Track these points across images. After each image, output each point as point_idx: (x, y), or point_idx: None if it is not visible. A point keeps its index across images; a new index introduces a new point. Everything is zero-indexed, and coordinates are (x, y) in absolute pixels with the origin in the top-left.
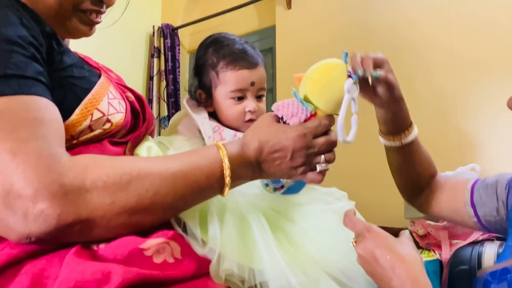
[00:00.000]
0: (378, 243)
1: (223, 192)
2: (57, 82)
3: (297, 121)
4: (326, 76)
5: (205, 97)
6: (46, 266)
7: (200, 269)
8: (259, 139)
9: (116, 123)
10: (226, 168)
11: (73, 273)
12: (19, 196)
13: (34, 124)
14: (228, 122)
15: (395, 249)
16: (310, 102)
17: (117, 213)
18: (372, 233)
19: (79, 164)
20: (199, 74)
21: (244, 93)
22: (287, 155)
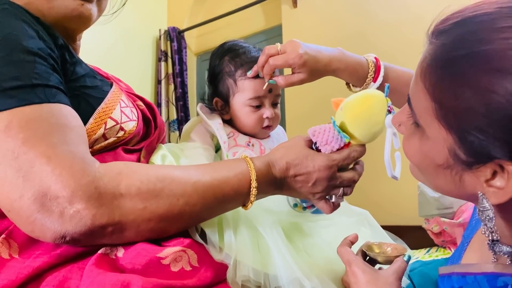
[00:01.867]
0: (356, 279)
1: (246, 206)
2: (71, 93)
3: (329, 149)
4: (367, 109)
5: (221, 105)
6: (66, 277)
7: (217, 276)
8: (287, 160)
9: (129, 130)
10: (253, 187)
11: (93, 285)
12: (56, 197)
13: (63, 130)
14: (245, 129)
15: (369, 286)
16: (347, 131)
17: (147, 218)
18: (352, 268)
19: (114, 169)
20: (214, 82)
21: (262, 101)
22: (310, 182)
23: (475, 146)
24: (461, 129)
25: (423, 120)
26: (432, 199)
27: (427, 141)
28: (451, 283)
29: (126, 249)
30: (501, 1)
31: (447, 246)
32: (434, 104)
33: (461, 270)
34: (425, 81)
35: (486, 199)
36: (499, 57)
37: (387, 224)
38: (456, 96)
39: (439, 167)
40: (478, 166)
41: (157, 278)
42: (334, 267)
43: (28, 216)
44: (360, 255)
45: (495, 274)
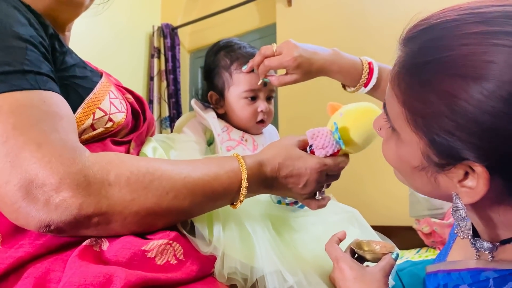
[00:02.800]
0: (344, 275)
1: (235, 205)
2: (60, 82)
3: (324, 153)
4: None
5: (216, 99)
6: (49, 269)
7: (203, 270)
8: (279, 161)
9: (118, 122)
10: (243, 187)
11: (75, 276)
12: (43, 184)
13: (54, 118)
14: (239, 123)
15: (356, 283)
16: (346, 138)
17: (135, 211)
18: (340, 264)
19: (104, 158)
20: (210, 77)
21: (257, 94)
22: (300, 183)
23: (445, 149)
24: (431, 133)
25: (397, 124)
26: (423, 199)
27: (402, 145)
28: (437, 280)
29: (111, 242)
30: (464, 7)
31: (437, 247)
32: (404, 109)
33: (447, 268)
34: (395, 87)
35: (459, 199)
36: (460, 62)
37: (378, 224)
38: (423, 102)
39: (415, 169)
40: (450, 168)
41: (141, 271)
42: (321, 263)
43: (13, 203)
44: (348, 252)
45: (478, 270)
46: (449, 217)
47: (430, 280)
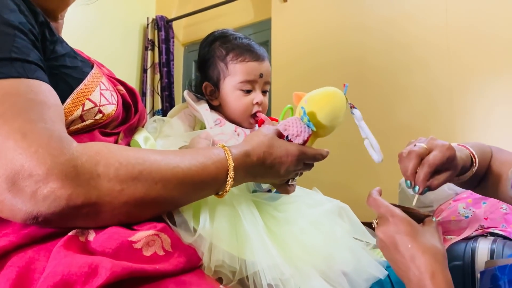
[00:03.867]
0: (400, 229)
1: (221, 195)
2: (50, 72)
3: (301, 140)
4: (332, 102)
5: (211, 90)
6: (33, 259)
7: (190, 262)
8: (264, 150)
9: (108, 114)
10: (230, 177)
11: (59, 266)
12: (30, 175)
13: (41, 107)
14: (233, 115)
15: (417, 239)
16: (314, 121)
17: (124, 201)
18: (395, 218)
19: (93, 148)
20: (204, 68)
21: (253, 85)
22: (281, 171)
23: None
24: None
25: None
26: (412, 197)
27: None
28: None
29: (97, 232)
30: None
31: None
32: None
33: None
34: None
35: None
36: None
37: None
38: None
39: None
40: None
41: (128, 262)
42: (310, 255)
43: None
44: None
45: None
46: (438, 215)
47: (505, 271)
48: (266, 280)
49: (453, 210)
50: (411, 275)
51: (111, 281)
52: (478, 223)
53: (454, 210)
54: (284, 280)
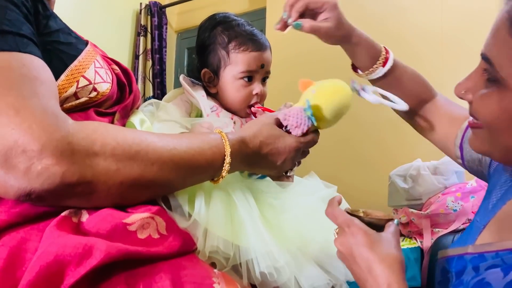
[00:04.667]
0: (357, 240)
1: (216, 181)
2: (43, 47)
3: (300, 132)
4: (341, 98)
5: (209, 77)
6: (24, 238)
7: (185, 246)
8: (260, 139)
9: (103, 92)
10: (226, 162)
11: (52, 246)
12: (23, 151)
13: (34, 82)
14: (230, 104)
15: (374, 249)
16: (318, 114)
17: (120, 181)
18: (352, 228)
19: (89, 126)
20: (204, 54)
21: (253, 75)
22: (279, 161)
23: None
24: None
25: (505, 72)
26: (402, 189)
27: (508, 94)
28: (463, 263)
29: (91, 214)
30: None
31: (413, 237)
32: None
33: (478, 250)
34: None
35: None
36: None
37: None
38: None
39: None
40: None
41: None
42: (306, 243)
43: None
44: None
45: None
46: (427, 208)
47: (452, 263)
48: (260, 268)
49: (442, 203)
50: (368, 286)
51: (106, 262)
52: (466, 216)
53: (442, 204)
54: (278, 268)
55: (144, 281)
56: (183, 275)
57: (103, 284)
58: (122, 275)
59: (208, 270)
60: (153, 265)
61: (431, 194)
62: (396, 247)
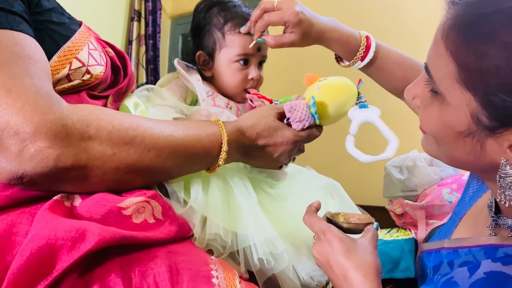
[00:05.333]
0: (333, 248)
1: (212, 170)
2: (34, 26)
3: (301, 126)
4: (346, 97)
5: (204, 60)
6: (15, 222)
7: (182, 231)
8: (258, 131)
9: (96, 75)
10: (223, 151)
11: (44, 230)
12: (16, 133)
13: (27, 61)
14: (226, 88)
15: (349, 256)
16: (322, 111)
17: (115, 166)
18: (327, 236)
19: (84, 109)
20: (199, 36)
21: (250, 58)
22: (275, 153)
23: (500, 109)
24: (485, 91)
25: (443, 86)
26: (397, 180)
27: (447, 109)
28: (439, 257)
29: (84, 198)
30: None
31: (407, 228)
32: (456, 66)
33: (453, 245)
34: (447, 43)
35: (509, 165)
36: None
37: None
38: (482, 55)
39: (460, 135)
40: (502, 131)
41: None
42: (303, 231)
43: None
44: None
45: (494, 246)
46: (422, 199)
47: (430, 258)
48: (258, 255)
49: (437, 195)
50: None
51: (100, 247)
52: None
53: (438, 195)
54: (277, 255)
55: (139, 266)
56: (179, 261)
57: (97, 269)
58: (117, 260)
59: (205, 256)
60: (149, 251)
61: (427, 186)
62: (372, 253)
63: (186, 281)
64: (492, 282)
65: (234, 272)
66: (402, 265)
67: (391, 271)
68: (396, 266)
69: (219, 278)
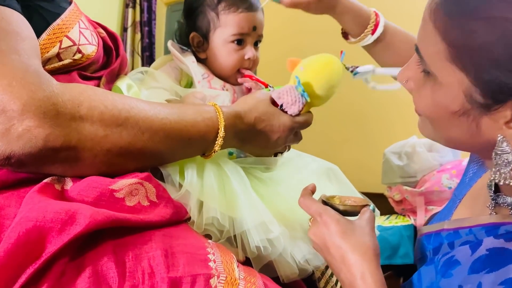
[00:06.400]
0: (329, 229)
1: (208, 155)
2: (22, 3)
3: (296, 110)
4: (330, 72)
5: (199, 41)
6: (3, 204)
7: (177, 214)
8: (255, 115)
9: (88, 55)
10: (220, 136)
11: (32, 212)
12: (3, 111)
13: (14, 38)
14: (221, 70)
15: (346, 238)
16: (310, 91)
17: (107, 148)
18: (324, 218)
19: (75, 88)
20: (192, 17)
21: (245, 38)
22: (272, 139)
23: (493, 85)
24: (477, 68)
25: (434, 66)
26: (396, 167)
27: (440, 89)
28: (439, 239)
29: (75, 181)
30: None
31: (406, 214)
32: (445, 45)
33: (453, 226)
34: (435, 21)
35: (506, 142)
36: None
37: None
38: (470, 32)
39: (454, 115)
40: (497, 107)
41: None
42: (298, 216)
43: None
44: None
45: (495, 224)
46: (421, 185)
47: (429, 240)
48: (254, 242)
49: (437, 180)
50: (343, 277)
51: (91, 229)
52: None
53: (437, 181)
54: (273, 239)
55: (133, 250)
56: (175, 244)
57: (89, 253)
58: (109, 243)
59: (202, 240)
60: (143, 234)
61: (426, 172)
62: (370, 234)
63: (182, 264)
64: (495, 258)
65: (232, 256)
66: (401, 251)
67: (390, 257)
68: (395, 252)
69: (217, 261)
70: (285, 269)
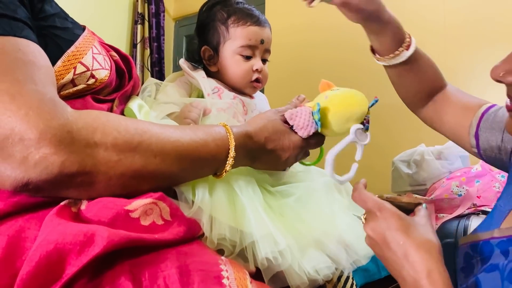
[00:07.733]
0: (390, 225)
1: (220, 175)
2: (38, 32)
3: (306, 134)
4: (351, 110)
5: (210, 55)
6: (23, 227)
7: (190, 231)
8: (266, 135)
9: (101, 79)
10: (230, 156)
11: (52, 235)
12: (20, 140)
13: (30, 67)
14: (232, 81)
15: (409, 234)
16: (324, 119)
17: (120, 172)
18: (384, 212)
19: (89, 115)
20: (204, 32)
21: (253, 51)
22: (282, 158)
23: None
24: None
25: None
26: (405, 175)
27: None
28: (489, 247)
29: (90, 202)
30: None
31: None
32: None
33: (505, 234)
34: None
35: None
36: None
37: None
38: None
39: None
40: None
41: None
42: (309, 228)
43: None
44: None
45: None
46: (431, 193)
47: (476, 249)
48: (263, 253)
49: (446, 188)
50: (405, 274)
51: (108, 250)
52: (471, 201)
53: (447, 188)
54: (281, 251)
55: (149, 269)
56: (189, 262)
57: (106, 273)
58: (126, 263)
59: (215, 257)
60: (158, 253)
61: (435, 179)
62: (433, 232)
63: (197, 282)
64: None
65: (245, 272)
66: None
67: None
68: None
69: (230, 278)
70: (295, 279)
